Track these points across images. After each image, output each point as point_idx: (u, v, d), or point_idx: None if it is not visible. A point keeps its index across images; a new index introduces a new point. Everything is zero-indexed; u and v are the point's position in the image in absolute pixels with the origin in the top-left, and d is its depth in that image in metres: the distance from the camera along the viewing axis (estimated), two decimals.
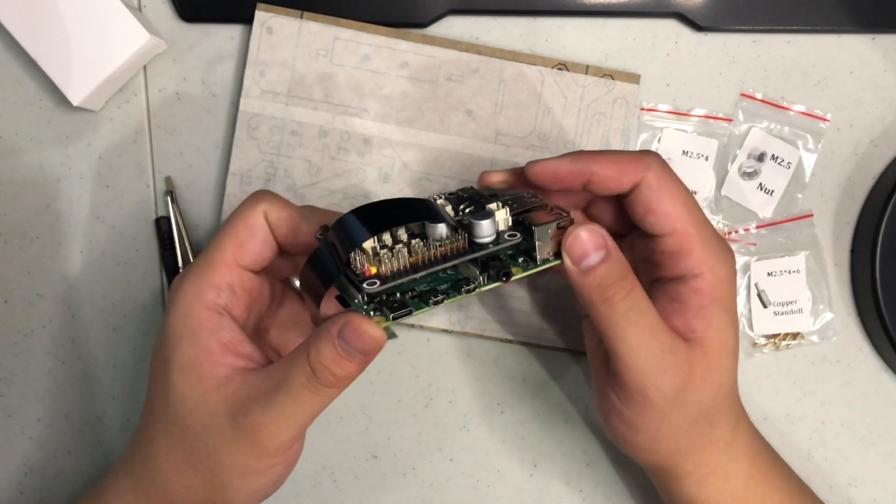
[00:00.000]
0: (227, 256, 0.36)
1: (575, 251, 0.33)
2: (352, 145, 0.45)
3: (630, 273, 0.34)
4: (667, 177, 0.35)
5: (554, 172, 0.36)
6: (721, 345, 0.35)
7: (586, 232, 0.33)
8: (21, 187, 0.46)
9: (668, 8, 0.45)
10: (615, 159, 0.35)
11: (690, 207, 0.35)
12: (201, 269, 0.36)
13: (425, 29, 0.45)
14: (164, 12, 0.46)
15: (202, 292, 0.35)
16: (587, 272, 0.33)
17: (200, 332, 0.35)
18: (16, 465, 0.47)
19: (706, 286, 0.35)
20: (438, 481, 0.47)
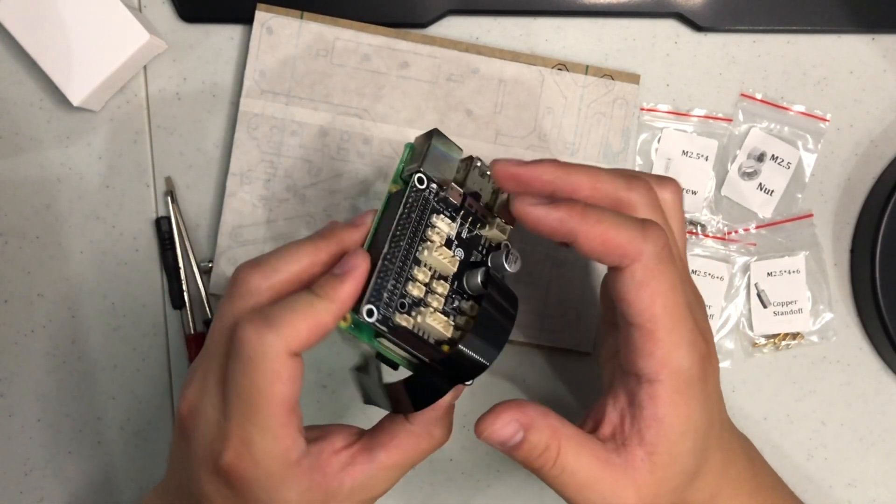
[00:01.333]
0: (284, 419, 0.32)
1: (494, 439, 0.33)
2: (352, 145, 0.45)
3: (553, 438, 0.33)
4: (657, 270, 0.32)
5: (537, 222, 0.32)
6: (670, 456, 0.33)
7: (500, 422, 0.33)
8: (21, 187, 0.46)
9: (668, 8, 0.45)
10: (607, 231, 0.31)
11: (669, 306, 0.32)
12: (270, 443, 0.32)
13: (425, 29, 0.45)
14: (164, 12, 0.46)
15: (287, 459, 0.33)
16: (511, 450, 0.33)
17: (308, 484, 0.33)
18: (16, 465, 0.47)
19: (662, 393, 0.33)
20: (438, 481, 0.47)
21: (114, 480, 0.47)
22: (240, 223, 0.45)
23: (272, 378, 0.31)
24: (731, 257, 0.46)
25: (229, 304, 0.33)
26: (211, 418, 0.33)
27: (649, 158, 0.46)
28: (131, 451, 0.47)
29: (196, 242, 0.46)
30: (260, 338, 0.31)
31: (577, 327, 0.45)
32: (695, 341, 0.33)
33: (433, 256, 0.34)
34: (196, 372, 0.34)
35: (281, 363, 0.31)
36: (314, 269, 0.34)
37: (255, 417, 0.32)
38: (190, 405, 0.34)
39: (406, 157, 0.36)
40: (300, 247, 0.34)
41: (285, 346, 0.31)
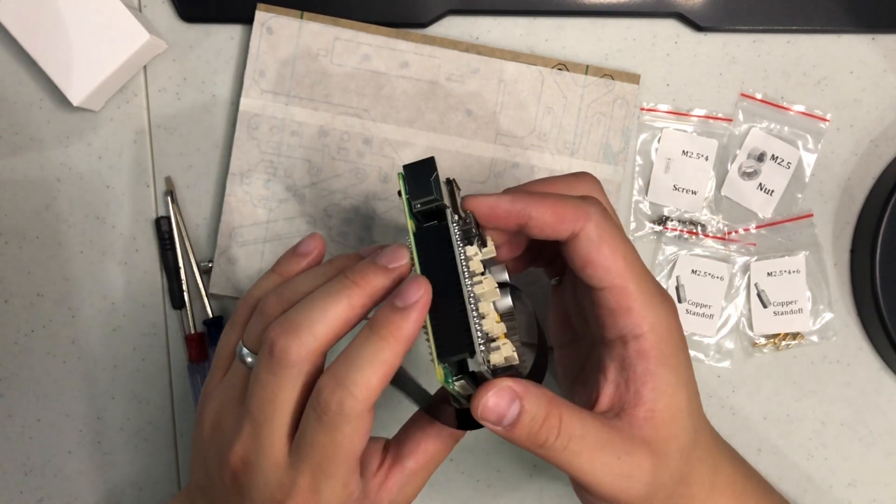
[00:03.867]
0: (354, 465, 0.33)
1: (490, 417, 0.32)
2: (352, 145, 0.45)
3: (552, 405, 0.32)
4: (607, 228, 0.33)
5: (491, 210, 0.34)
6: (670, 409, 0.34)
7: (493, 396, 0.32)
8: (21, 187, 0.46)
9: (668, 8, 0.45)
10: (554, 205, 0.33)
11: (630, 261, 0.34)
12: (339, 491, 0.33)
13: (425, 29, 0.45)
14: (164, 12, 0.46)
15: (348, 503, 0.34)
16: (511, 428, 0.32)
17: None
18: (16, 465, 0.47)
19: (649, 346, 0.33)
20: (438, 481, 0.47)
21: (114, 480, 0.47)
22: (240, 223, 0.45)
23: (352, 436, 0.32)
24: (731, 257, 0.46)
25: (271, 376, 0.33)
26: (270, 471, 0.33)
27: (649, 158, 0.46)
28: (131, 451, 0.47)
29: (196, 242, 0.46)
30: (340, 403, 0.31)
31: None
32: (662, 292, 0.34)
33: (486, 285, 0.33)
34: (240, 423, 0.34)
35: (361, 421, 0.32)
36: (349, 324, 0.33)
37: (328, 470, 0.32)
38: (242, 457, 0.34)
39: (404, 186, 0.34)
40: (332, 301, 0.33)
41: (364, 406, 0.32)
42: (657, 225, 0.46)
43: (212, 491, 0.36)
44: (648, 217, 0.46)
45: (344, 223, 0.45)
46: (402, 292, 0.32)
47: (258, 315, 0.35)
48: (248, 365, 0.35)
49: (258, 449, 0.33)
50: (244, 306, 0.37)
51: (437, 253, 0.33)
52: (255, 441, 0.33)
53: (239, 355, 0.36)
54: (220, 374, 0.37)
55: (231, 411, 0.35)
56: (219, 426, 0.35)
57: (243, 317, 0.37)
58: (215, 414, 0.36)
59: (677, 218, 0.46)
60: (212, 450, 0.35)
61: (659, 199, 0.46)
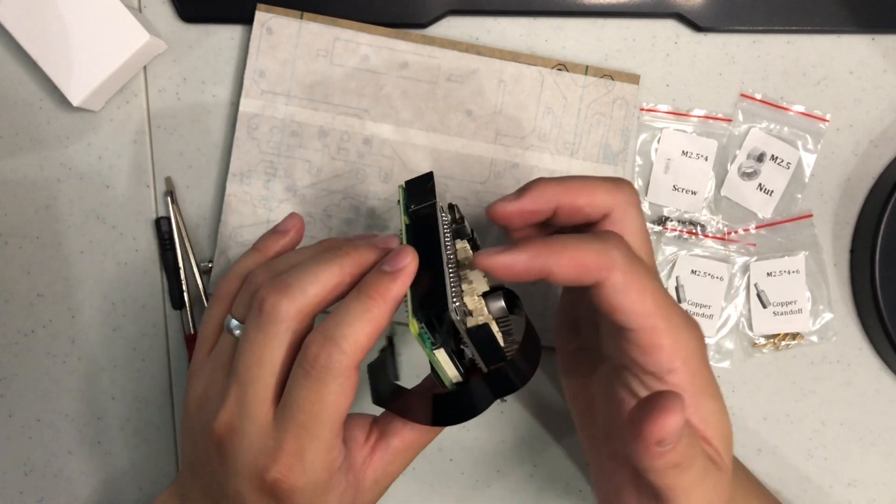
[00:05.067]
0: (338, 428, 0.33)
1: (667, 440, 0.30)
2: (352, 145, 0.45)
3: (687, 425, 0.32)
4: (633, 271, 0.33)
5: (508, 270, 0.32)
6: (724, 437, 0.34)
7: (675, 421, 0.29)
8: (21, 187, 0.46)
9: (667, 8, 0.45)
10: (575, 258, 0.32)
11: (658, 299, 0.33)
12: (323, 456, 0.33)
13: (425, 29, 0.45)
14: (164, 12, 0.46)
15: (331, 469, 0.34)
16: (666, 452, 0.31)
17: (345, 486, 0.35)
18: (16, 465, 0.47)
19: (684, 381, 0.33)
20: (438, 481, 0.47)
21: (114, 480, 0.47)
22: (240, 223, 0.45)
23: (339, 392, 0.32)
24: (731, 257, 0.46)
25: (258, 333, 0.33)
26: (255, 435, 0.33)
27: (649, 159, 0.46)
28: (131, 451, 0.47)
29: (196, 242, 0.46)
30: (328, 357, 0.32)
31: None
32: (688, 322, 0.34)
33: (475, 274, 0.34)
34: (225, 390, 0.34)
35: (347, 378, 0.32)
36: (339, 289, 0.34)
37: (313, 430, 0.33)
38: (226, 424, 0.34)
39: (403, 196, 0.36)
40: (324, 267, 0.34)
41: (351, 362, 0.32)
42: (657, 225, 0.46)
43: (199, 466, 0.36)
44: (648, 217, 0.46)
45: (344, 223, 0.45)
46: (390, 258, 0.33)
47: (247, 287, 0.36)
48: (237, 336, 0.35)
49: (243, 412, 0.33)
50: (227, 282, 0.38)
51: (424, 237, 0.34)
52: (241, 404, 0.33)
53: (227, 327, 0.36)
54: (207, 350, 0.37)
55: (218, 381, 0.35)
56: (206, 397, 0.35)
57: (227, 291, 0.38)
58: (202, 387, 0.36)
59: (677, 218, 0.46)
60: (198, 422, 0.36)
61: (659, 200, 0.46)
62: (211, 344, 0.37)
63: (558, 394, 0.46)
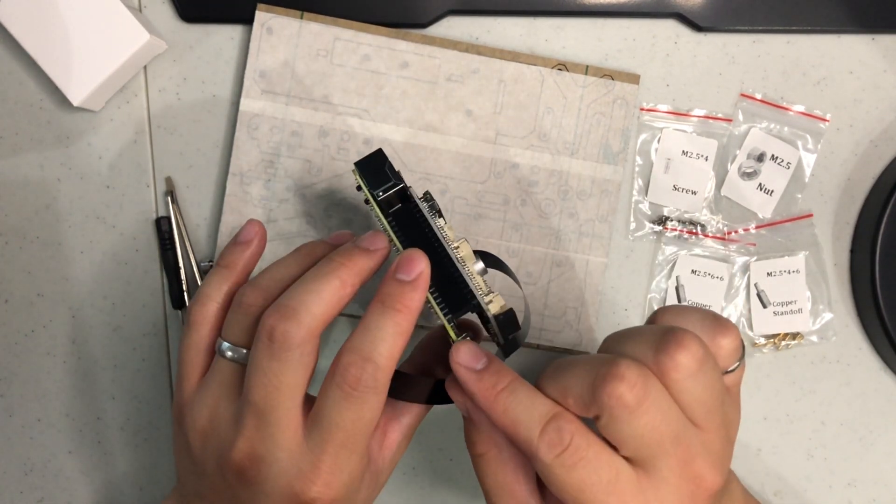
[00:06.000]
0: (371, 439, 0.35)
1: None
2: (352, 145, 0.45)
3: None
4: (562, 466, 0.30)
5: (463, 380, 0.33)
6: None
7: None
8: (21, 187, 0.46)
9: (667, 8, 0.45)
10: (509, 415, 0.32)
11: None
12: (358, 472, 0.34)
13: (425, 29, 0.45)
14: (164, 12, 0.46)
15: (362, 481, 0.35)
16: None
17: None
18: (16, 465, 0.47)
19: None
20: (438, 481, 0.47)
21: (114, 480, 0.47)
22: (240, 223, 0.45)
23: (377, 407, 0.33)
24: (731, 257, 0.46)
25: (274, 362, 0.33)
26: (285, 460, 0.33)
27: (649, 158, 0.46)
28: (131, 451, 0.47)
29: (196, 242, 0.46)
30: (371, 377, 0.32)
31: (577, 327, 0.45)
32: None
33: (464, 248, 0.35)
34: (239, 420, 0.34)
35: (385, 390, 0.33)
36: (342, 302, 0.34)
37: (352, 446, 0.33)
38: (249, 454, 0.34)
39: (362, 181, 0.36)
40: (324, 283, 0.34)
41: (389, 375, 0.33)
42: (657, 225, 0.46)
43: (212, 494, 0.36)
44: (648, 217, 0.46)
45: (344, 223, 0.45)
46: (404, 267, 0.33)
47: (237, 308, 0.35)
48: (232, 359, 0.35)
49: (268, 439, 0.33)
50: (201, 306, 0.37)
51: (413, 230, 0.35)
52: (263, 432, 0.33)
53: (219, 351, 0.36)
54: (196, 377, 0.37)
55: (226, 409, 0.35)
56: (214, 428, 0.35)
57: (203, 315, 0.37)
58: (206, 418, 0.35)
59: (677, 218, 0.46)
60: (208, 454, 0.35)
61: (659, 200, 0.46)
62: (199, 370, 0.37)
63: None
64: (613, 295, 0.46)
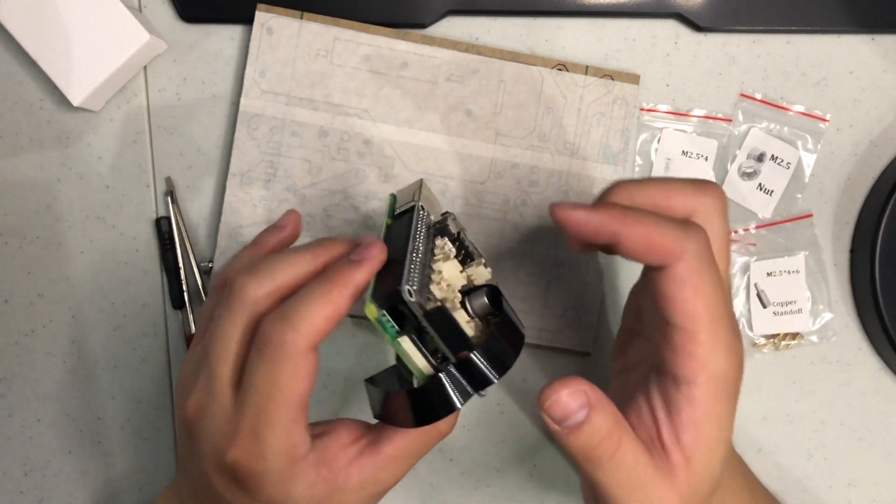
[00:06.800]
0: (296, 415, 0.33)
1: (555, 413, 0.31)
2: (352, 145, 0.45)
3: (617, 427, 0.32)
4: (699, 269, 0.32)
5: (579, 224, 0.32)
6: (707, 463, 0.33)
7: (568, 393, 0.31)
8: (21, 187, 0.46)
9: (667, 8, 0.45)
10: (650, 233, 0.31)
11: (710, 307, 0.32)
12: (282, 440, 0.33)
13: (425, 29, 0.45)
14: (164, 12, 0.46)
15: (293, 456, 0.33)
16: (570, 432, 0.32)
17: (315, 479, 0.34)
18: (16, 465, 0.47)
19: (699, 397, 0.32)
20: (438, 481, 0.47)
21: (114, 480, 0.47)
22: (240, 223, 0.45)
23: (292, 374, 0.32)
24: (731, 257, 0.46)
25: (228, 313, 0.33)
26: (218, 416, 0.33)
27: (649, 159, 0.46)
28: (131, 451, 0.47)
29: (196, 242, 0.46)
30: (281, 336, 0.32)
31: (577, 327, 0.45)
32: (733, 345, 0.33)
33: (448, 266, 0.34)
34: (198, 373, 0.34)
35: (302, 359, 0.32)
36: (310, 277, 0.34)
37: (269, 413, 0.32)
38: (195, 405, 0.34)
39: (391, 202, 0.37)
40: (296, 255, 0.34)
41: (306, 343, 0.32)
42: None
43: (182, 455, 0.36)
44: None
45: (344, 223, 0.45)
46: (358, 248, 0.34)
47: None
48: None
49: (209, 393, 0.33)
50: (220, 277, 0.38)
51: (401, 235, 0.34)
52: (208, 385, 0.33)
53: None
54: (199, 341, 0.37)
55: (194, 367, 0.35)
56: (184, 383, 0.36)
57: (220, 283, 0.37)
58: (184, 375, 0.36)
59: None
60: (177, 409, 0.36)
61: None
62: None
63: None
64: (613, 295, 0.46)
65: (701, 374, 0.32)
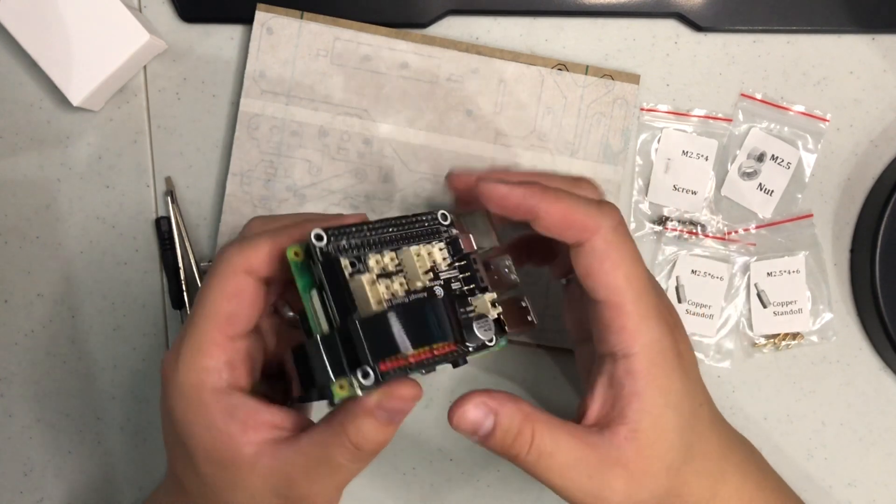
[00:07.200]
0: (217, 335, 0.33)
1: (465, 428, 0.33)
2: (352, 145, 0.45)
3: (526, 420, 0.32)
4: (615, 242, 0.33)
5: (502, 198, 0.33)
6: (655, 430, 0.33)
7: (471, 407, 0.32)
8: (21, 187, 0.46)
9: (667, 8, 0.45)
10: (566, 209, 0.33)
11: (632, 279, 0.33)
12: (193, 353, 0.33)
13: (425, 29, 0.45)
14: (164, 12, 0.46)
15: (201, 379, 0.32)
16: (486, 440, 0.33)
17: (214, 420, 0.32)
18: (16, 465, 0.47)
19: (638, 367, 0.33)
20: (438, 481, 0.47)
21: (114, 480, 0.47)
22: (239, 223, 0.45)
23: (220, 291, 0.33)
24: (731, 257, 0.46)
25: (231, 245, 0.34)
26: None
27: (649, 158, 0.46)
28: (131, 451, 0.47)
29: (196, 242, 0.46)
30: (224, 253, 0.33)
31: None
32: (661, 312, 0.34)
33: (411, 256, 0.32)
34: None
35: (231, 278, 0.33)
36: None
37: (191, 324, 0.33)
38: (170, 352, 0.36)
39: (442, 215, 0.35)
40: (308, 215, 0.36)
41: (243, 263, 0.32)
42: (657, 225, 0.46)
43: None
44: (648, 217, 0.46)
45: None
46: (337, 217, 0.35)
47: None
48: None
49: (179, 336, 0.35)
50: None
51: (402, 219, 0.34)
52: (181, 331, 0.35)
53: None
54: None
55: None
56: None
57: None
58: None
59: (677, 218, 0.46)
60: None
61: (659, 200, 0.46)
62: None
63: (558, 394, 0.46)
64: None
65: (634, 345, 0.33)
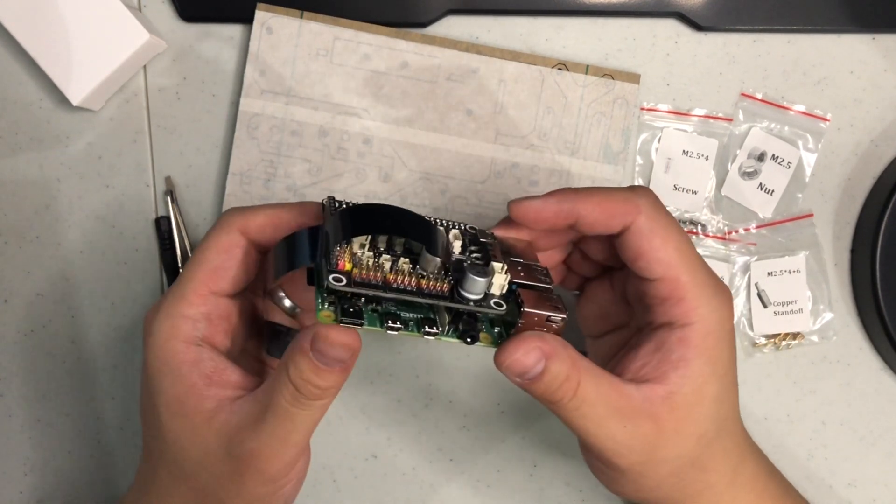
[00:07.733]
0: (200, 286, 0.34)
1: (516, 369, 0.32)
2: (352, 145, 0.45)
3: (574, 368, 0.32)
4: (658, 219, 0.34)
5: (538, 213, 0.34)
6: (696, 396, 0.34)
7: (522, 349, 0.32)
8: (21, 187, 0.46)
9: (668, 8, 0.45)
10: (603, 200, 0.34)
11: (683, 251, 0.34)
12: (174, 301, 0.34)
13: (425, 29, 0.45)
14: (164, 12, 0.46)
15: (176, 326, 0.33)
16: (531, 383, 0.32)
17: (180, 368, 0.33)
18: (16, 465, 0.47)
19: (695, 337, 0.33)
20: (438, 481, 0.47)
21: (114, 480, 0.47)
22: None
23: (213, 244, 0.34)
24: (732, 257, 0.46)
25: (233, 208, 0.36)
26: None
27: (649, 158, 0.46)
28: (131, 451, 0.47)
29: (196, 242, 0.46)
30: (225, 215, 0.35)
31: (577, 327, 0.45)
32: (717, 283, 0.34)
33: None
34: None
35: (226, 234, 0.34)
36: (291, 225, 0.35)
37: (179, 278, 0.35)
38: None
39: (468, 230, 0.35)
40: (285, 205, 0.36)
41: (239, 222, 0.35)
42: None
43: None
44: None
45: None
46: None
47: None
48: None
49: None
50: None
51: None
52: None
53: None
54: None
55: None
56: None
57: None
58: None
59: (678, 218, 0.46)
60: None
61: None
62: None
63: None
64: None
65: (693, 315, 0.33)
